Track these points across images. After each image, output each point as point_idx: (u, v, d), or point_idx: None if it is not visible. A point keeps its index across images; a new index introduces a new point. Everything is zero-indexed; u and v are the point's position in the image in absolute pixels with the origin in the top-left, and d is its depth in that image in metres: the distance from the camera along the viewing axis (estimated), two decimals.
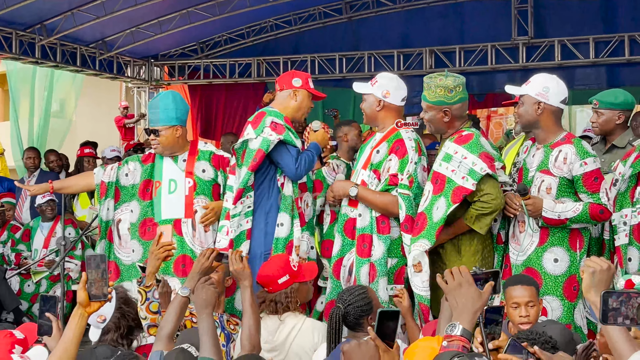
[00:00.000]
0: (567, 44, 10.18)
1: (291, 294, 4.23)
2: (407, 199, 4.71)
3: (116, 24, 10.51)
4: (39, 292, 7.56)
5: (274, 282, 4.23)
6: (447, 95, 4.55)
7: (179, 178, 5.30)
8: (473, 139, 4.47)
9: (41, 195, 7.99)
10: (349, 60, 11.38)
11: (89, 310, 2.94)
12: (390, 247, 4.76)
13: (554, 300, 4.25)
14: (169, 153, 5.33)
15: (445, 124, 4.61)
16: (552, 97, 4.37)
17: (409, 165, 4.75)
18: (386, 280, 4.74)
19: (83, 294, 2.92)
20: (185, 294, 3.87)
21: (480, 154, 4.39)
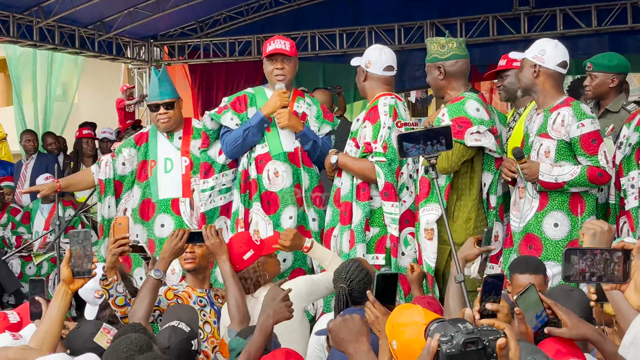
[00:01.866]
0: (569, 13, 10.05)
1: (259, 268, 4.19)
2: (384, 166, 4.71)
3: (114, 4, 10.43)
4: (40, 274, 7.55)
5: (239, 260, 4.18)
6: (439, 50, 4.57)
7: (174, 157, 5.27)
8: (460, 101, 4.47)
9: (44, 177, 8.00)
10: (349, 36, 11.28)
11: (72, 287, 2.92)
12: (371, 217, 4.74)
13: (555, 265, 4.19)
14: (174, 127, 5.30)
15: (442, 83, 4.58)
16: (548, 60, 4.31)
17: (382, 130, 4.74)
18: (364, 247, 4.73)
19: (67, 270, 2.89)
20: (158, 276, 3.83)
21: (453, 118, 4.36)
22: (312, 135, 5.11)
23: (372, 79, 4.93)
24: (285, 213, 5.08)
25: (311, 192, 5.14)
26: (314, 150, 5.13)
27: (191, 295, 4.23)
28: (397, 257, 4.75)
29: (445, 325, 2.04)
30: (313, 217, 5.12)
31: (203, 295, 4.28)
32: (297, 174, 5.11)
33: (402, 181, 4.78)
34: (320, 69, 11.72)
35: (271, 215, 5.09)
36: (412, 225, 4.76)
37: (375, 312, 2.92)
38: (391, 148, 4.71)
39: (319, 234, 5.07)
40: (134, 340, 2.70)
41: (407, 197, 4.79)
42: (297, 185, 5.10)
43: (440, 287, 4.49)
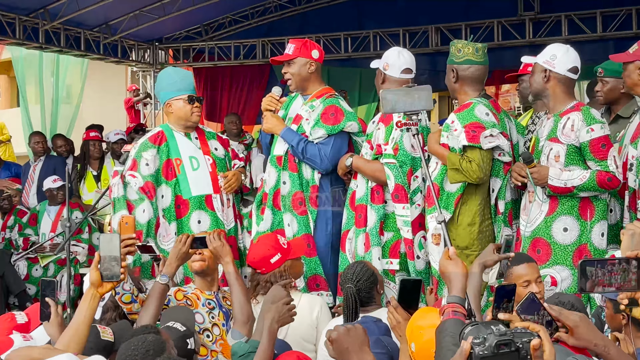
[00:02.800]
0: (574, 18, 10.06)
1: (285, 272, 4.20)
2: (393, 168, 4.73)
3: (119, 7, 10.44)
4: (47, 276, 7.56)
5: (266, 263, 4.19)
6: (455, 54, 4.61)
7: (198, 155, 5.22)
8: (469, 107, 4.50)
9: (52, 179, 8.02)
10: (354, 40, 11.30)
11: (101, 291, 2.92)
12: (385, 221, 4.75)
13: (563, 270, 4.21)
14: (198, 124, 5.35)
15: (455, 86, 4.62)
16: (559, 65, 4.32)
17: (394, 132, 4.77)
18: (379, 250, 4.74)
19: (95, 274, 2.89)
20: (165, 281, 3.84)
21: (466, 125, 4.40)
22: (289, 139, 5.09)
23: (390, 82, 4.93)
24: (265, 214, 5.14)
25: (291, 196, 5.10)
26: (295, 154, 5.10)
27: (200, 297, 4.24)
28: (414, 260, 4.75)
29: (478, 328, 2.04)
30: (288, 222, 5.08)
31: (212, 298, 4.29)
32: (280, 178, 5.15)
33: (416, 184, 4.78)
34: (325, 73, 11.69)
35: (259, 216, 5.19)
36: (425, 229, 4.77)
37: (398, 317, 2.94)
38: (402, 150, 4.74)
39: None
40: (150, 342, 2.71)
41: (421, 201, 4.79)
42: (277, 189, 5.13)
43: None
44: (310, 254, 5.05)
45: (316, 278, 5.04)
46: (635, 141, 4.40)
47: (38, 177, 8.76)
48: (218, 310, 4.24)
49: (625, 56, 4.48)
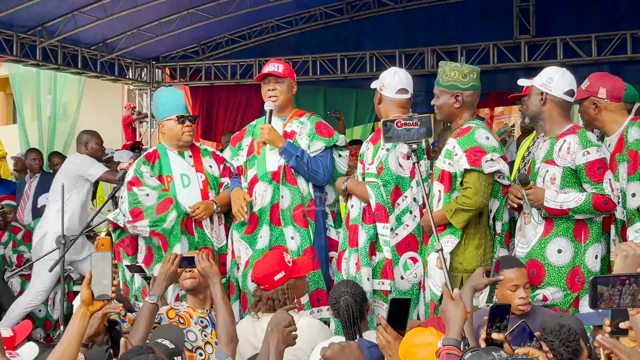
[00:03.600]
0: (569, 42, 10.14)
1: (288, 291, 4.19)
2: (374, 187, 4.75)
3: (117, 26, 10.49)
4: None
5: (270, 280, 4.19)
6: (460, 79, 4.56)
7: (190, 173, 5.27)
8: (469, 132, 4.49)
9: (46, 196, 8.00)
10: (351, 61, 11.36)
11: (91, 309, 2.91)
12: (377, 241, 4.77)
13: (557, 291, 4.22)
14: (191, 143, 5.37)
15: (456, 110, 4.60)
16: (555, 88, 4.35)
17: (380, 151, 4.79)
18: (369, 270, 4.74)
19: (87, 292, 2.88)
20: (154, 300, 3.86)
21: (467, 149, 4.40)
22: (294, 151, 5.07)
23: (386, 102, 4.95)
24: (259, 233, 5.09)
25: (292, 210, 5.09)
26: (300, 166, 5.08)
27: (192, 316, 4.24)
28: (394, 280, 4.75)
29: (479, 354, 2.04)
30: (291, 236, 5.06)
31: (204, 316, 4.29)
32: (277, 192, 5.11)
33: (405, 205, 4.79)
34: (320, 93, 11.79)
35: (248, 235, 5.10)
36: (413, 249, 4.77)
37: (387, 337, 2.94)
38: (387, 169, 4.74)
39: (297, 254, 4.99)
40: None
41: (410, 221, 4.79)
42: (275, 204, 5.09)
43: None
44: (313, 267, 5.06)
45: (318, 293, 5.02)
46: (615, 174, 4.42)
47: (33, 194, 8.75)
48: (211, 329, 4.24)
49: (578, 93, 4.54)
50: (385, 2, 11.16)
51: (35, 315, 7.48)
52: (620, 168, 4.43)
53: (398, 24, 11.33)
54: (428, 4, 11.04)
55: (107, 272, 2.87)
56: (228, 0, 10.25)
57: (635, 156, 4.37)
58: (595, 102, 4.52)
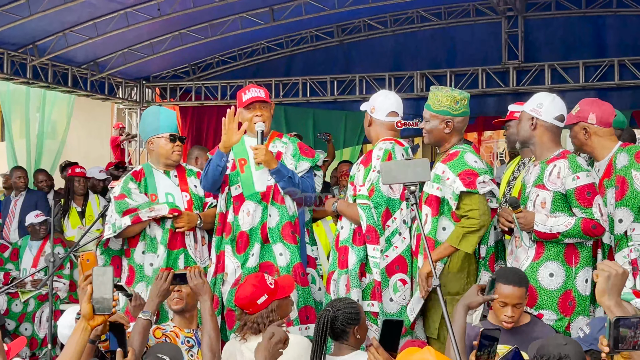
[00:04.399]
0: (557, 68, 10.25)
1: (272, 313, 4.18)
2: (366, 209, 4.76)
3: (108, 45, 10.52)
4: (27, 312, 7.50)
5: (253, 304, 4.17)
6: (452, 106, 4.61)
7: (175, 192, 5.29)
8: (457, 156, 4.54)
9: (34, 214, 7.99)
10: (341, 83, 11.43)
11: (92, 324, 2.89)
12: (367, 262, 4.78)
13: (549, 314, 4.24)
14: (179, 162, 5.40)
15: (445, 135, 4.65)
16: (545, 114, 4.39)
17: (371, 173, 4.81)
18: (359, 292, 4.75)
19: (87, 306, 2.86)
20: (147, 317, 3.85)
21: (459, 173, 4.45)
22: (286, 172, 5.08)
23: (376, 124, 4.99)
24: (251, 252, 5.09)
25: (280, 227, 5.09)
26: (291, 186, 5.09)
27: (179, 335, 4.23)
28: (382, 302, 4.75)
29: None
30: (280, 252, 5.05)
31: (191, 336, 4.29)
32: (266, 212, 5.11)
33: (395, 226, 4.80)
34: (310, 115, 11.84)
35: (240, 255, 5.09)
36: (403, 271, 4.77)
37: (379, 358, 2.95)
38: (378, 191, 4.76)
39: (287, 269, 5.00)
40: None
41: (399, 243, 4.80)
42: (264, 223, 5.10)
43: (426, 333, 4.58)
44: (304, 283, 5.06)
45: (307, 310, 5.02)
46: (603, 199, 4.46)
47: (20, 212, 8.72)
48: (197, 348, 4.23)
49: (568, 118, 4.61)
50: (375, 26, 11.25)
51: (22, 334, 7.43)
52: (608, 193, 4.48)
53: (388, 47, 11.42)
54: (418, 28, 11.14)
55: (108, 287, 2.86)
56: (219, 22, 10.31)
57: (623, 182, 4.42)
58: (585, 127, 4.57)
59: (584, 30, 10.40)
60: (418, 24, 11.08)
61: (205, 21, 10.30)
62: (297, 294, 5.01)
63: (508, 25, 10.47)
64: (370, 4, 9.86)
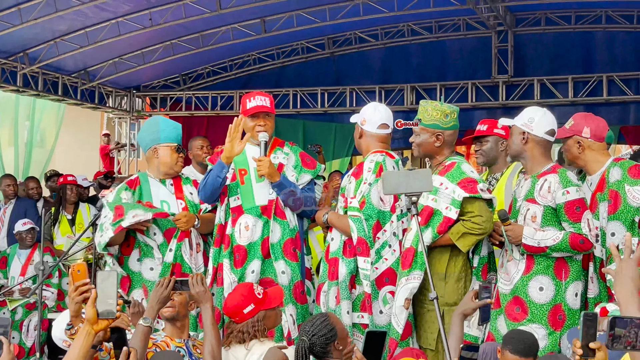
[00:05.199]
0: (546, 83, 10.32)
1: (257, 323, 4.18)
2: (357, 221, 4.76)
3: (99, 54, 10.53)
4: (14, 320, 7.45)
5: (239, 313, 4.17)
6: (442, 119, 4.65)
7: (170, 200, 5.25)
8: (454, 167, 4.57)
9: (22, 222, 7.96)
10: (331, 95, 11.47)
11: (96, 328, 2.87)
12: (357, 274, 4.78)
13: (540, 328, 4.24)
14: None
15: (436, 149, 4.69)
16: (536, 128, 4.42)
17: (362, 186, 4.81)
18: (349, 304, 4.75)
19: (92, 310, 2.85)
20: (147, 323, 3.84)
21: (459, 181, 4.48)
22: (288, 184, 5.07)
23: (367, 136, 5.00)
24: (250, 267, 5.06)
25: (282, 244, 5.08)
26: (292, 199, 5.08)
27: (169, 345, 4.21)
28: (372, 315, 4.75)
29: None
30: (282, 270, 5.03)
31: (181, 346, 4.27)
32: (267, 227, 5.08)
33: (385, 238, 4.79)
34: (300, 126, 11.86)
35: (238, 269, 5.06)
36: (392, 283, 4.76)
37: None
38: (369, 204, 4.76)
39: (288, 288, 4.99)
40: None
41: (389, 255, 4.79)
42: (266, 238, 5.07)
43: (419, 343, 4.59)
44: (303, 301, 5.06)
45: None
46: (595, 212, 4.50)
47: (9, 220, 8.68)
48: (188, 359, 4.22)
49: (562, 131, 4.65)
50: (365, 39, 11.29)
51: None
52: (600, 207, 4.51)
53: (378, 60, 11.48)
54: (408, 41, 11.19)
55: (112, 291, 2.86)
56: (210, 32, 10.34)
57: (616, 196, 4.45)
58: (579, 140, 4.61)
59: (574, 45, 10.48)
60: (409, 37, 11.14)
61: (197, 32, 10.33)
62: (297, 312, 5.02)
63: (498, 39, 10.54)
64: (362, 17, 9.91)
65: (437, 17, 10.74)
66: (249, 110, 5.08)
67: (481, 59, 10.79)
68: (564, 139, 4.69)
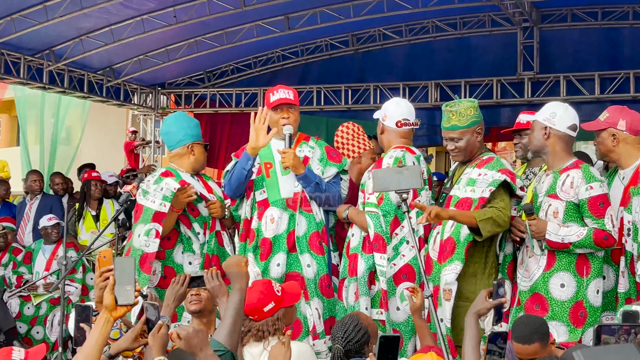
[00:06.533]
0: (572, 79, 10.20)
1: (277, 322, 4.15)
2: (374, 217, 4.75)
3: (124, 52, 10.57)
4: (39, 315, 7.52)
5: (259, 311, 4.14)
6: (476, 114, 4.60)
7: (203, 193, 5.25)
8: (494, 160, 4.54)
9: (47, 218, 8.03)
10: (355, 92, 11.43)
11: (115, 315, 2.89)
12: (376, 270, 4.76)
13: (560, 325, 4.21)
14: None
15: (479, 143, 4.64)
16: (559, 123, 4.38)
17: None
18: (368, 300, 4.74)
19: (110, 297, 2.86)
20: (165, 321, 3.83)
21: (500, 169, 4.43)
22: (313, 177, 5.07)
23: (388, 132, 5.00)
24: (274, 260, 5.07)
25: (308, 237, 5.08)
26: (317, 193, 5.09)
27: None
28: (388, 311, 4.73)
29: None
30: (308, 263, 5.03)
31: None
32: (293, 220, 5.09)
33: (402, 234, 4.79)
34: (323, 123, 11.84)
35: (263, 262, 5.06)
36: (410, 280, 4.74)
37: None
38: (387, 200, 4.75)
39: (314, 281, 4.99)
40: None
41: (406, 252, 4.79)
42: (291, 231, 5.07)
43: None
44: (329, 295, 5.05)
45: (332, 321, 4.97)
46: (628, 206, 4.44)
47: (34, 215, 8.76)
48: None
49: (596, 124, 4.60)
50: (389, 35, 11.24)
51: (33, 337, 7.46)
52: (634, 200, 4.44)
53: (402, 57, 11.41)
54: (433, 38, 11.12)
55: (131, 278, 2.87)
56: (234, 29, 10.34)
57: None
58: (614, 133, 4.55)
59: (600, 42, 10.36)
60: (433, 34, 11.06)
61: (221, 29, 10.34)
62: (323, 306, 5.00)
63: (523, 36, 10.43)
64: (386, 14, 9.86)
65: (461, 14, 10.66)
66: (272, 103, 5.10)
67: (506, 56, 10.69)
68: (597, 132, 4.62)
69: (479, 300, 3.61)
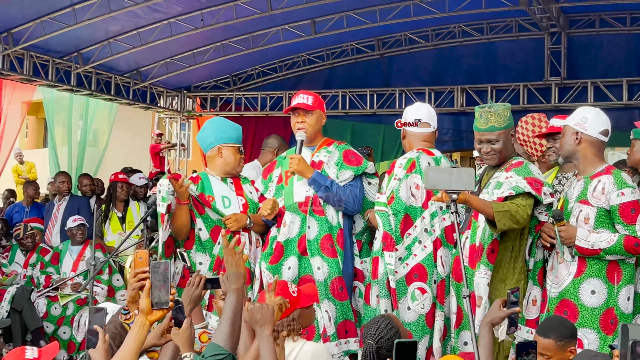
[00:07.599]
0: (600, 85, 10.14)
1: (293, 322, 4.16)
2: (383, 216, 4.75)
3: (151, 55, 10.66)
4: (66, 315, 7.57)
5: None
6: (510, 116, 4.58)
7: (231, 196, 5.30)
8: (522, 165, 4.50)
9: (73, 219, 8.10)
10: (380, 96, 11.44)
11: (150, 319, 2.90)
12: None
13: (590, 332, 4.16)
14: None
15: (513, 145, 4.61)
16: (590, 128, 4.33)
17: (392, 181, 4.81)
18: (388, 302, 4.73)
19: (146, 301, 2.88)
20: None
21: (525, 177, 4.39)
22: (323, 181, 5.08)
23: (409, 136, 5.02)
24: (286, 264, 5.08)
25: (319, 240, 5.08)
26: (329, 196, 5.08)
27: None
28: (398, 309, 4.72)
29: None
30: (318, 266, 5.03)
31: None
32: (304, 223, 5.11)
33: (415, 234, 4.78)
34: (348, 127, 11.86)
35: (273, 266, 5.08)
36: (422, 280, 4.74)
37: None
38: (398, 199, 4.76)
39: (324, 284, 4.98)
40: None
41: (418, 251, 4.77)
42: (303, 235, 5.09)
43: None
44: (342, 298, 5.04)
45: (346, 324, 4.99)
46: None
47: (62, 217, 8.83)
48: None
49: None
50: (416, 40, 11.24)
51: (60, 337, 7.51)
52: None
53: (428, 61, 11.41)
54: (459, 43, 11.11)
55: (165, 281, 2.88)
56: (261, 33, 10.39)
57: None
58: None
59: (628, 48, 10.29)
60: (459, 39, 11.05)
61: (247, 32, 10.39)
62: (336, 309, 5.00)
63: (551, 41, 10.40)
64: (412, 18, 9.87)
65: (488, 19, 10.64)
66: (288, 108, 5.24)
67: (533, 61, 10.66)
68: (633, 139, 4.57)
69: (493, 309, 3.60)
